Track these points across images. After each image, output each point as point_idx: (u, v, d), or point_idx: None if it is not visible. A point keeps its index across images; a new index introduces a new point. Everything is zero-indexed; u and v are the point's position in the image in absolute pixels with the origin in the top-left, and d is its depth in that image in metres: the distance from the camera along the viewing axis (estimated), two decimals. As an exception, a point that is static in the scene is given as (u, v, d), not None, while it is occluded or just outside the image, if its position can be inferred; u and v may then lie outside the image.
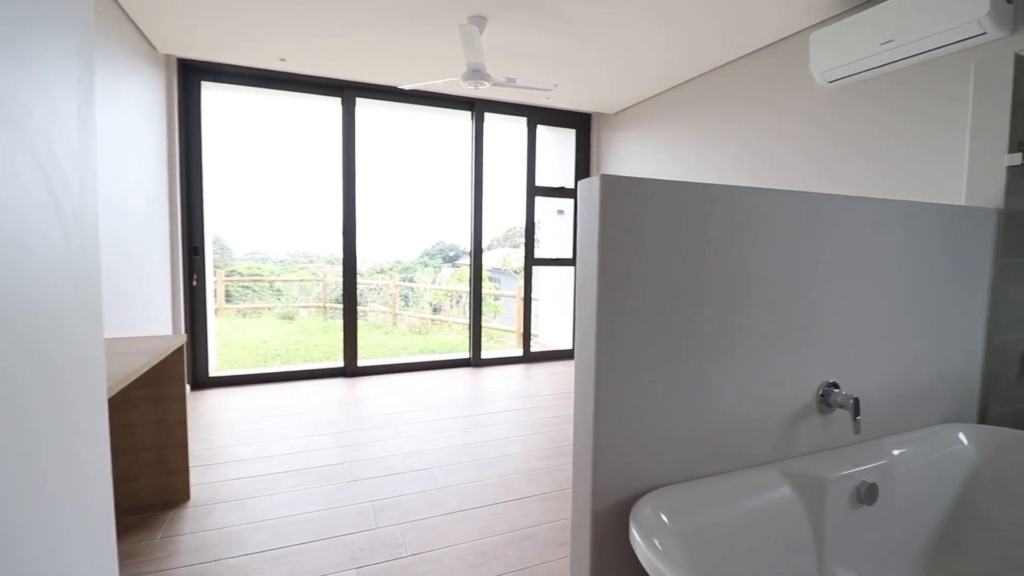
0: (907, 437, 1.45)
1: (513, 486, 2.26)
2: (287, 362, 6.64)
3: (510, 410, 3.32)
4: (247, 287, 11.14)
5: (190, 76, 3.53)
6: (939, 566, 1.37)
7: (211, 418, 3.07)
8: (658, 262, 1.08)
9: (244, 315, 9.94)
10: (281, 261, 12.87)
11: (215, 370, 3.94)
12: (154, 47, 3.17)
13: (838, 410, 1.36)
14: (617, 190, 1.02)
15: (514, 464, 2.49)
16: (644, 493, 1.11)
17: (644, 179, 1.04)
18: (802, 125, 2.70)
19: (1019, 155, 1.55)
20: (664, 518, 1.05)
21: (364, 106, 4.06)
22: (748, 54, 3.03)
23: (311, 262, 12.90)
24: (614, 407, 1.07)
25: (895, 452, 1.37)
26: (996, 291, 1.61)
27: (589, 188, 1.04)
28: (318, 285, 11.05)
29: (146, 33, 2.97)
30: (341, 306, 4.16)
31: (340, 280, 4.14)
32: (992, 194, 1.62)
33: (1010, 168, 1.57)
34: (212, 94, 3.78)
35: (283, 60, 3.39)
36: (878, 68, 2.20)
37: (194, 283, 3.64)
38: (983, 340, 1.63)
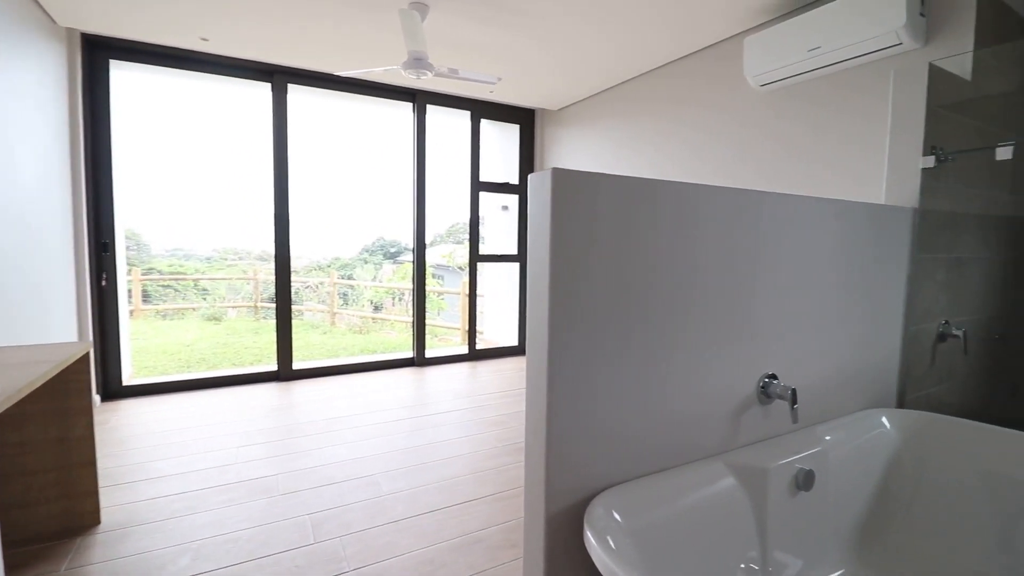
0: (837, 423, 1.53)
1: (461, 489, 2.21)
2: (213, 366, 6.20)
3: (456, 410, 3.25)
4: (168, 286, 10.33)
5: (97, 53, 3.18)
6: (868, 543, 1.45)
7: (125, 431, 2.79)
8: (608, 258, 1.06)
9: (165, 316, 9.22)
10: (207, 258, 12.00)
11: (130, 378, 3.60)
12: (52, 19, 2.82)
13: (777, 401, 1.41)
14: (568, 184, 0.99)
15: (461, 465, 2.43)
16: (597, 493, 1.10)
17: (595, 173, 1.02)
18: (739, 124, 2.81)
19: (932, 158, 1.68)
20: (617, 516, 1.04)
21: (297, 93, 3.83)
22: (689, 55, 3.12)
23: (240, 259, 12.13)
24: (566, 406, 1.05)
25: (827, 438, 1.44)
26: (912, 284, 1.73)
27: (540, 182, 1.00)
28: (249, 283, 10.42)
29: (41, 2, 2.64)
30: (274, 305, 3.92)
31: (273, 278, 3.90)
32: (909, 193, 1.74)
33: (924, 170, 1.70)
34: (124, 75, 3.42)
35: (205, 40, 3.12)
36: (807, 73, 2.31)
37: (103, 283, 3.30)
38: (901, 330, 1.76)
